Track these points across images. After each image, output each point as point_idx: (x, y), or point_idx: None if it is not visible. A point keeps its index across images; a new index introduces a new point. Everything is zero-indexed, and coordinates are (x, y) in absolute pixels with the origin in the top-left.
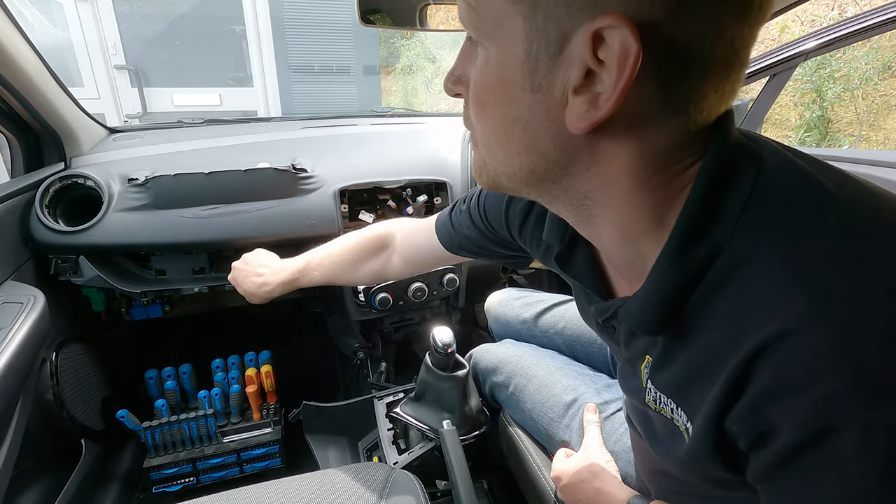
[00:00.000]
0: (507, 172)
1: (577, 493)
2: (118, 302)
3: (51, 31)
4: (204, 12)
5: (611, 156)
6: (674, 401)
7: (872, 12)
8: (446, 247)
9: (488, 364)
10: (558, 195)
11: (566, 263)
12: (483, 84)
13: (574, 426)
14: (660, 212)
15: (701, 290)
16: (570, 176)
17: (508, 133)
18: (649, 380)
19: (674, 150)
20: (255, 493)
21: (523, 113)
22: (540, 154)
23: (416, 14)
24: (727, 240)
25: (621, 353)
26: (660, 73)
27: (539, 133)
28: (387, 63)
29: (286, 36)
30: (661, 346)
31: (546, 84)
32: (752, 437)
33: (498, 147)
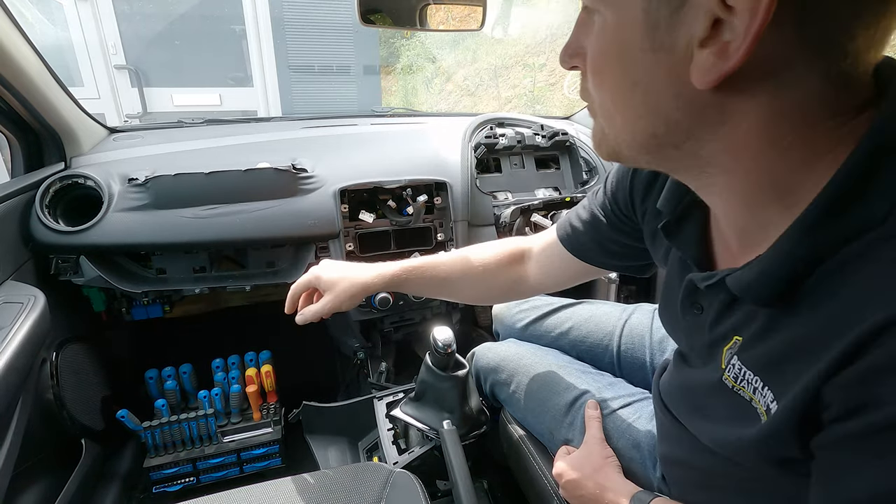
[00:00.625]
0: (627, 140)
1: (579, 488)
2: (118, 302)
3: (51, 31)
4: (204, 12)
5: (740, 113)
6: (762, 378)
7: None
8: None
9: (490, 362)
10: (680, 161)
11: (673, 232)
12: (600, 51)
13: (577, 424)
14: (793, 178)
15: (833, 263)
16: (694, 139)
17: (627, 98)
18: (735, 356)
19: (815, 105)
20: (255, 493)
21: (643, 75)
22: (661, 117)
23: (416, 14)
24: (880, 219)
25: (700, 337)
26: (800, 11)
27: (660, 94)
28: (387, 63)
29: (286, 36)
30: (762, 320)
31: (668, 41)
32: (849, 407)
33: (617, 114)
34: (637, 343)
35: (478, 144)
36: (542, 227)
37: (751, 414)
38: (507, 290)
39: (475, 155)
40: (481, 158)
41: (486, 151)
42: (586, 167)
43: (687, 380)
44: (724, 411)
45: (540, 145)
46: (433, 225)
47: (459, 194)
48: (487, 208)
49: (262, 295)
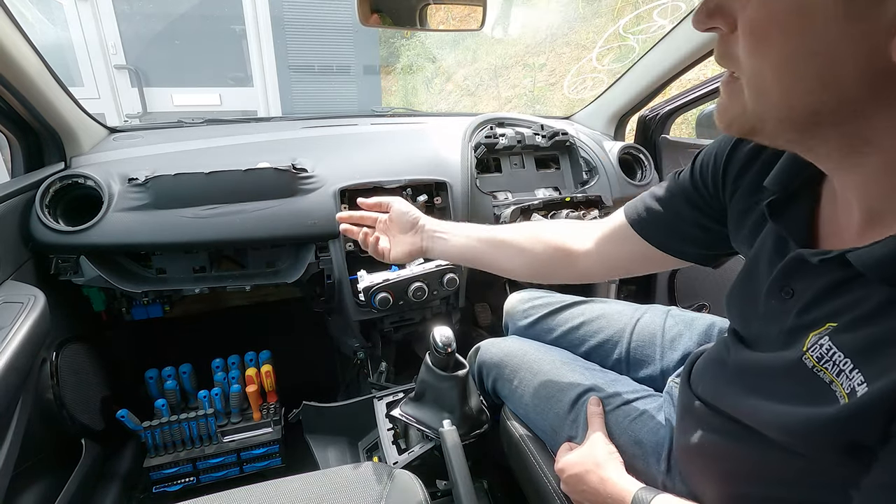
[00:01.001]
0: (780, 116)
1: (581, 483)
2: (118, 302)
3: (51, 30)
4: (204, 12)
5: None
6: (854, 361)
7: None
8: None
9: (493, 357)
10: (830, 140)
11: (778, 211)
12: (771, 15)
13: (580, 422)
14: None
15: None
16: (862, 118)
17: (800, 69)
18: (826, 337)
19: None
20: (256, 492)
21: (827, 45)
22: (836, 92)
23: (416, 14)
24: None
25: (781, 323)
26: None
27: (843, 68)
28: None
29: (286, 36)
30: (873, 302)
31: (869, 11)
32: None
33: (776, 86)
34: (647, 341)
35: (478, 144)
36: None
37: (827, 396)
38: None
39: (475, 155)
40: (481, 158)
41: (486, 151)
42: (586, 167)
43: (747, 361)
44: (794, 391)
45: (540, 145)
46: None
47: (459, 194)
48: (487, 208)
49: (262, 295)
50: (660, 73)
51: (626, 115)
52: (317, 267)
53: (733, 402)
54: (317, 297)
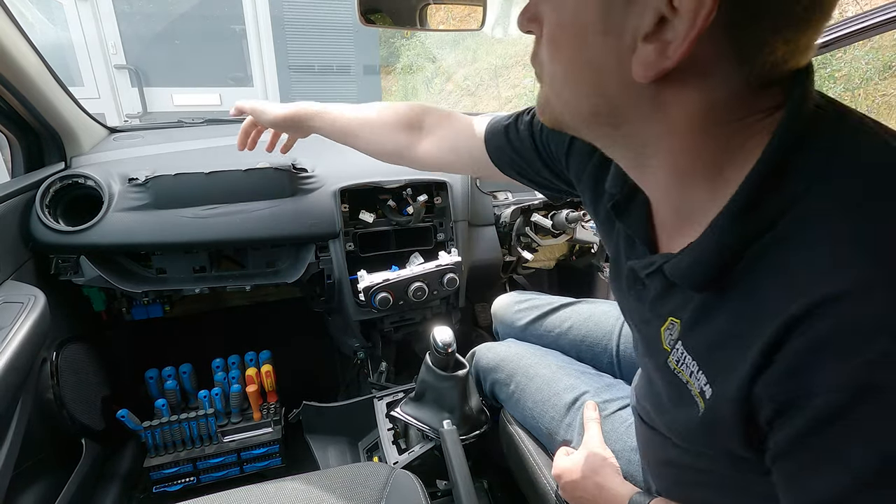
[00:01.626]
0: (572, 112)
1: (578, 489)
2: (119, 301)
3: (51, 30)
4: (204, 12)
5: (673, 105)
6: (698, 363)
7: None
8: (494, 160)
9: (490, 362)
10: (617, 140)
11: (622, 212)
12: (559, 24)
13: (576, 425)
14: (719, 164)
15: (757, 248)
16: (631, 123)
17: (579, 75)
18: (678, 341)
19: (738, 102)
20: (256, 492)
21: (595, 56)
22: (605, 98)
23: (417, 14)
24: (796, 201)
25: (642, 313)
26: (731, 22)
27: (606, 77)
28: (387, 63)
29: (286, 35)
30: (697, 304)
31: (618, 28)
32: (780, 403)
33: (566, 87)
34: None
35: None
36: (543, 227)
37: (689, 397)
38: (393, 154)
39: None
40: None
41: None
42: None
43: (646, 368)
44: (671, 394)
45: None
46: (433, 225)
47: (459, 194)
48: (487, 208)
49: (262, 295)
50: None
51: None
52: (317, 267)
53: (654, 412)
54: (317, 297)
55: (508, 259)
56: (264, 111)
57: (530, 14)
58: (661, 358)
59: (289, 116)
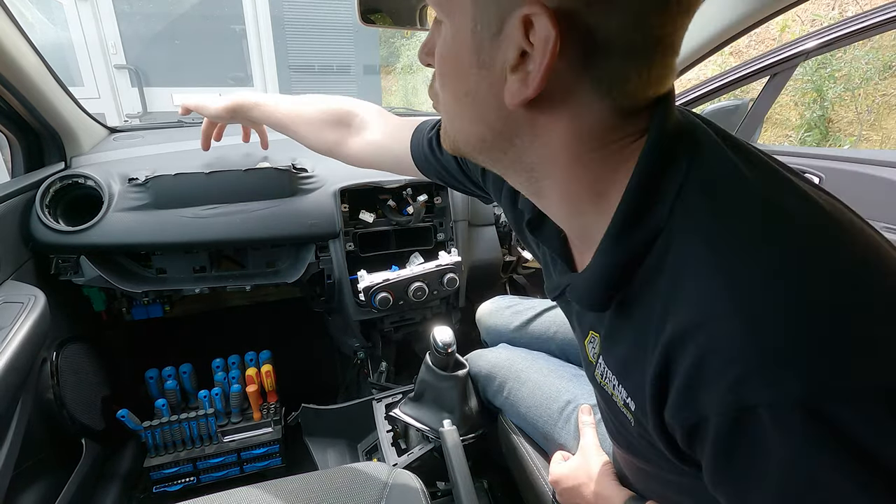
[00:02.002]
0: (463, 139)
1: (575, 496)
2: (119, 302)
3: (51, 30)
4: (204, 12)
5: (548, 130)
6: (617, 378)
7: (873, 12)
8: (419, 167)
9: (482, 369)
10: (508, 166)
11: (536, 230)
12: (442, 58)
13: (570, 427)
14: (600, 186)
15: (643, 270)
16: (516, 148)
17: (462, 104)
18: (600, 355)
19: (605, 128)
20: (256, 492)
21: (472, 87)
22: (487, 125)
23: (417, 14)
24: (663, 225)
25: (572, 325)
26: (582, 56)
27: (485, 106)
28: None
29: (286, 35)
30: (608, 322)
31: (489, 61)
32: (687, 429)
33: (455, 116)
34: None
35: None
36: None
37: (619, 410)
38: (324, 150)
39: None
40: None
41: None
42: None
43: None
44: (608, 406)
45: None
46: (433, 225)
47: (459, 194)
48: (487, 208)
49: (262, 295)
50: None
51: None
52: (317, 267)
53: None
54: (317, 296)
55: (508, 259)
56: (206, 106)
57: (427, 48)
58: (591, 370)
59: (229, 108)
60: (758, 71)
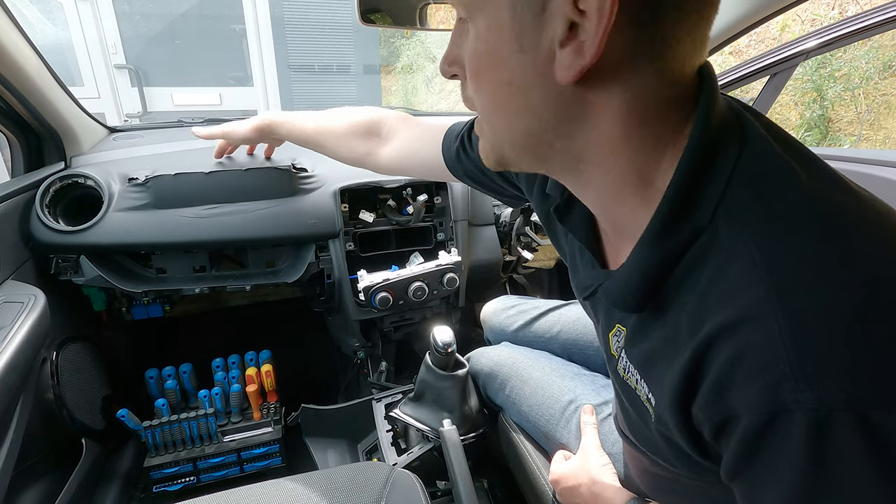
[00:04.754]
0: (509, 140)
1: (575, 496)
2: (119, 301)
3: (51, 30)
4: (204, 11)
5: (599, 107)
6: (640, 372)
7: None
8: (451, 170)
9: (484, 367)
10: (555, 159)
11: (564, 215)
12: (476, 55)
13: (571, 427)
14: (647, 172)
15: (681, 268)
16: (564, 137)
17: (503, 97)
18: (623, 349)
19: (656, 100)
20: (256, 492)
21: (514, 75)
22: (534, 113)
23: (416, 13)
24: (706, 223)
25: (595, 319)
26: (636, 16)
27: (531, 91)
28: (387, 62)
29: (286, 35)
30: (636, 318)
31: (533, 43)
32: (716, 424)
33: (496, 114)
34: None
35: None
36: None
37: (641, 405)
38: (355, 161)
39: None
40: None
41: None
42: None
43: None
44: (628, 400)
45: None
46: (433, 224)
47: (459, 194)
48: (487, 208)
49: (262, 294)
50: None
51: None
52: (317, 266)
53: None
54: (317, 296)
55: (508, 259)
56: (233, 131)
57: (450, 59)
58: (613, 364)
59: (257, 128)
60: (758, 70)
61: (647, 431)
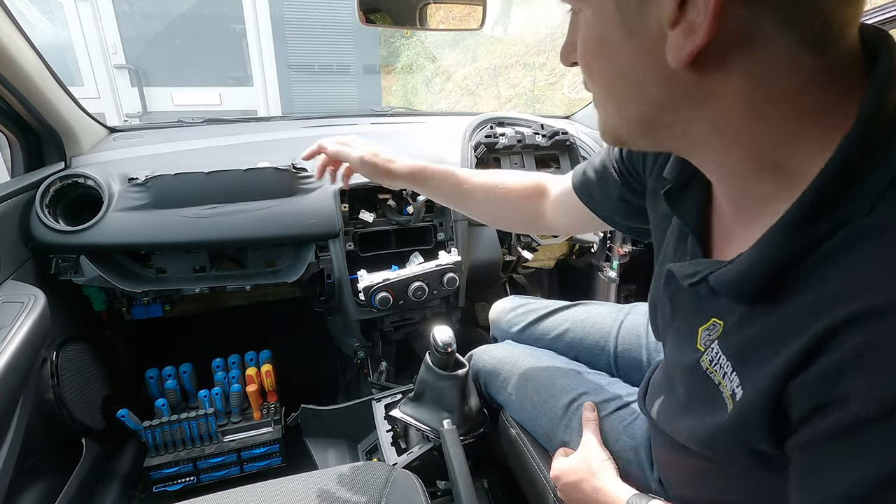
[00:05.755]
0: (624, 125)
1: (576, 491)
2: (119, 301)
3: (51, 30)
4: (204, 11)
5: (720, 87)
6: (732, 364)
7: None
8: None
9: (486, 364)
10: (674, 142)
11: (675, 199)
12: (585, 47)
13: (574, 426)
14: (779, 154)
15: (817, 257)
16: (682, 120)
17: (615, 86)
18: (716, 342)
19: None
20: (256, 492)
21: (624, 64)
22: (648, 99)
23: (416, 13)
24: (860, 216)
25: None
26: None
27: (643, 78)
28: (387, 62)
29: (286, 35)
30: (739, 311)
31: (640, 28)
32: (814, 404)
33: (609, 102)
34: (633, 343)
35: (478, 144)
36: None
37: (718, 400)
38: (525, 221)
39: (475, 154)
40: (481, 158)
41: (487, 151)
42: None
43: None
44: (697, 395)
45: (540, 144)
46: (433, 224)
47: None
48: None
49: (263, 294)
50: None
51: None
52: (317, 266)
53: (668, 422)
54: (317, 296)
55: (508, 258)
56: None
57: (569, 48)
58: (693, 357)
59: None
60: None
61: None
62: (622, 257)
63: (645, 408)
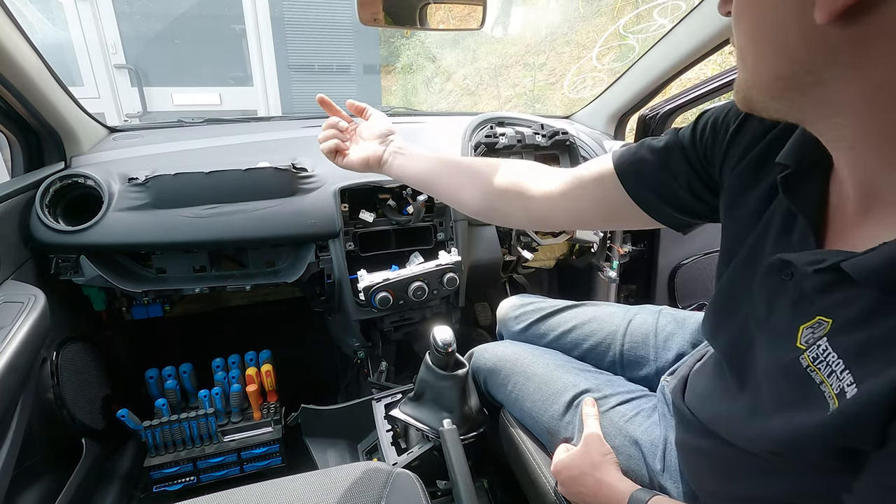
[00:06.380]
0: (757, 83)
1: (577, 485)
2: (119, 301)
3: (51, 30)
4: (204, 11)
5: (877, 51)
6: (846, 362)
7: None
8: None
9: (486, 363)
10: (808, 111)
11: (791, 186)
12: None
13: (575, 423)
14: None
15: None
16: (822, 84)
17: (759, 36)
18: (823, 339)
19: None
20: (256, 492)
21: (773, 14)
22: (787, 56)
23: (416, 13)
24: None
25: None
26: None
27: (788, 31)
28: (387, 62)
29: (286, 35)
30: (867, 303)
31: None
32: None
33: (749, 54)
34: (640, 342)
35: (478, 144)
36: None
37: (817, 398)
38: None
39: (475, 154)
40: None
41: (487, 151)
42: None
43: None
44: (786, 395)
45: (540, 144)
46: (433, 224)
47: None
48: None
49: (262, 294)
50: (660, 73)
51: (627, 115)
52: (317, 266)
53: (726, 426)
54: (317, 296)
55: (508, 258)
56: None
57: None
58: (789, 355)
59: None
60: None
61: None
62: (622, 257)
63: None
